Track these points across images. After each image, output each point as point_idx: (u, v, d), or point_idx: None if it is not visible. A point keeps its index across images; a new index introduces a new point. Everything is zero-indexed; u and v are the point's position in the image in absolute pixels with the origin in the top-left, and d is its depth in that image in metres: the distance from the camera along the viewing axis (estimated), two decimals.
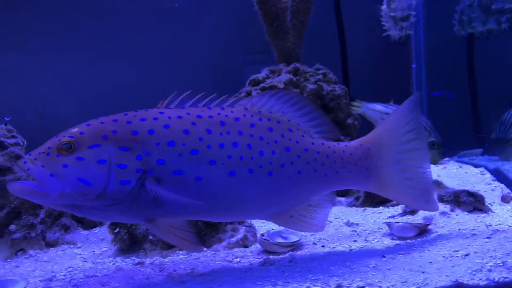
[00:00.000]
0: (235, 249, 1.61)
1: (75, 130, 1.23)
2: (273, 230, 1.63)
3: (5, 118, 2.91)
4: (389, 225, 1.63)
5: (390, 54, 4.13)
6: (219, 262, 1.50)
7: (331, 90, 2.82)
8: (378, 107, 3.23)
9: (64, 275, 1.49)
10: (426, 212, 1.75)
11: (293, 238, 1.58)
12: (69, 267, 1.58)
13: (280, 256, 1.50)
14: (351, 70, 3.98)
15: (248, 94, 2.76)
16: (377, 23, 3.97)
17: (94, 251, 1.78)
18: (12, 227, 1.80)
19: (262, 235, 1.58)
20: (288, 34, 2.94)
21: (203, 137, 1.26)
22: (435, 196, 1.72)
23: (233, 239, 1.63)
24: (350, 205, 2.11)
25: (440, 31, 4.24)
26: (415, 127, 1.47)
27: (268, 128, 1.35)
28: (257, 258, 1.51)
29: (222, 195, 1.28)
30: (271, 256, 1.50)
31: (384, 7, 3.88)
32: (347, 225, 1.78)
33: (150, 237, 1.70)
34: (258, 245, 1.61)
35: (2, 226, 1.81)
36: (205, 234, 1.66)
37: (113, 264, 1.58)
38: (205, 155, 1.25)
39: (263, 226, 1.84)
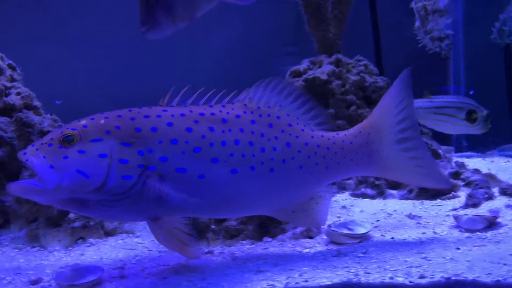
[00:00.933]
0: (301, 240, 1.59)
1: (78, 123, 1.25)
2: (339, 221, 1.62)
3: (56, 102, 2.92)
4: (456, 217, 1.61)
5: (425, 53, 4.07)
6: (289, 252, 1.49)
7: (373, 82, 2.79)
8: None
9: (135, 264, 1.49)
10: (490, 205, 1.73)
11: (360, 229, 1.57)
12: (136, 256, 1.57)
13: (350, 247, 1.49)
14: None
15: None
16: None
17: (153, 240, 1.78)
18: (72, 215, 1.80)
19: (329, 226, 1.57)
20: (329, 25, 2.91)
21: (206, 135, 1.27)
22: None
23: (298, 230, 1.62)
24: (404, 198, 2.09)
25: (479, 33, 4.17)
26: (407, 104, 1.46)
27: (268, 124, 1.35)
28: (327, 249, 1.50)
29: (225, 192, 1.29)
30: (342, 247, 1.49)
31: (417, 24, 3.76)
32: (409, 217, 1.76)
33: (213, 226, 1.70)
34: (324, 236, 1.60)
35: (62, 215, 1.81)
36: (269, 224, 1.66)
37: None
38: (208, 153, 1.26)
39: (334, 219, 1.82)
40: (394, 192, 2.17)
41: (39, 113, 2.42)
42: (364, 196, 2.12)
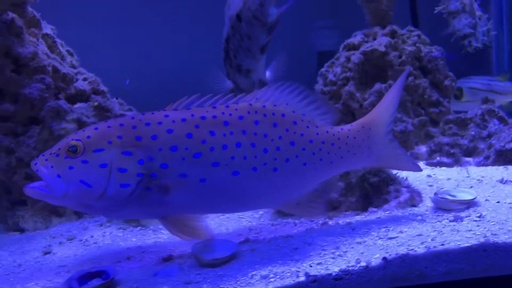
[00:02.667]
0: (408, 209, 1.65)
1: (83, 133, 1.30)
2: (443, 189, 1.68)
3: (126, 82, 2.94)
4: None
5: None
6: (404, 219, 1.54)
7: (428, 52, 2.82)
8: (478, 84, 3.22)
9: (264, 237, 1.55)
10: None
11: (464, 196, 1.62)
12: (250, 230, 1.64)
13: (462, 212, 1.54)
14: None
15: (348, 59, 2.77)
16: None
17: (252, 214, 1.84)
18: None
19: (436, 194, 1.62)
20: None
21: (206, 139, 1.31)
22: None
23: (402, 199, 1.67)
24: (481, 164, 2.15)
25: None
26: (398, 102, 1.56)
27: (273, 124, 1.38)
28: (438, 215, 1.56)
29: (227, 193, 1.34)
30: (453, 213, 1.54)
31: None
32: (501, 182, 1.82)
33: None
34: (428, 204, 1.66)
35: None
36: (372, 195, 1.71)
37: (295, 224, 1.64)
38: (208, 157, 1.30)
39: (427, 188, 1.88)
40: (469, 159, 2.22)
41: (106, 98, 2.46)
42: (441, 164, 2.17)
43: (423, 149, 2.41)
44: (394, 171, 1.74)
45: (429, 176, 2.02)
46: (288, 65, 3.81)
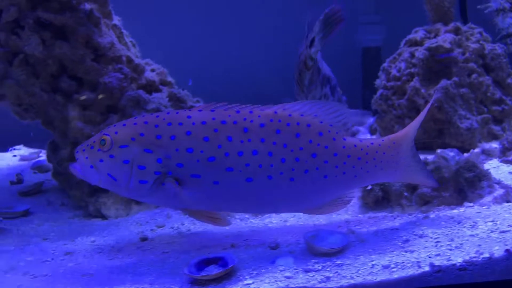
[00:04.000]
0: (505, 204, 1.66)
1: (113, 128, 1.40)
2: None
3: (189, 83, 2.97)
4: None
5: None
6: (508, 215, 1.55)
7: (492, 49, 2.81)
8: None
9: (367, 229, 1.57)
10: None
11: None
12: (348, 222, 1.66)
13: None
14: None
15: (412, 55, 2.77)
16: None
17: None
18: None
19: None
20: None
21: (222, 144, 1.33)
22: None
23: (497, 195, 1.68)
24: None
25: None
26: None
27: (295, 134, 1.37)
28: None
29: (240, 197, 1.38)
30: None
31: None
32: None
33: (406, 194, 1.76)
34: None
35: None
36: (466, 190, 1.72)
37: (393, 218, 1.66)
38: (222, 162, 1.33)
39: None
40: None
41: (173, 88, 2.49)
42: None
43: (494, 146, 2.41)
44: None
45: (510, 173, 2.02)
46: (332, 61, 3.82)
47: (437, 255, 1.30)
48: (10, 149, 3.51)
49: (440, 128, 2.66)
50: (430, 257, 1.30)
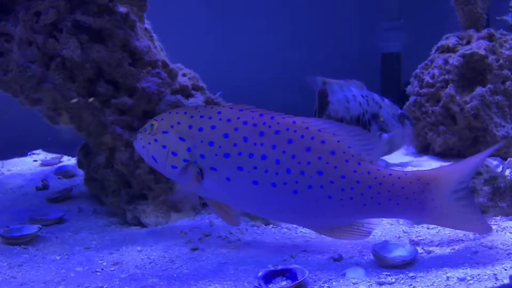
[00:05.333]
0: None
1: (160, 115, 1.53)
2: None
3: (219, 93, 2.92)
4: None
5: None
6: None
7: None
8: None
9: (430, 241, 1.54)
10: None
11: None
12: (405, 232, 1.62)
13: None
14: None
15: (446, 61, 2.74)
16: None
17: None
18: None
19: None
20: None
21: (238, 144, 1.38)
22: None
23: None
24: None
25: None
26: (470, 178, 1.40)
27: (306, 148, 1.35)
28: None
29: (247, 197, 1.41)
30: None
31: None
32: None
33: None
34: None
35: None
36: None
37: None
38: (235, 160, 1.38)
39: None
40: None
41: (205, 94, 2.44)
42: None
43: None
44: None
45: None
46: (351, 65, 3.79)
47: None
48: (28, 153, 3.46)
49: (475, 136, 2.63)
50: (505, 269, 1.26)
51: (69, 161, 3.20)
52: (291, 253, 1.51)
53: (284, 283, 1.27)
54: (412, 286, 1.23)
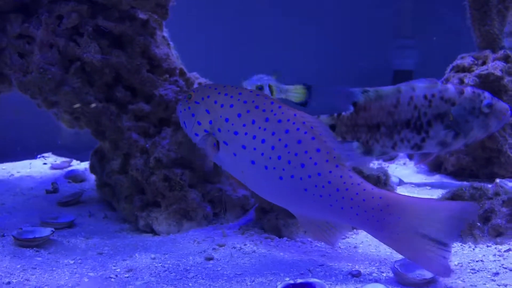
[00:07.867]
0: None
1: (197, 88, 1.68)
2: None
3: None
4: None
5: None
6: None
7: None
8: None
9: None
10: None
11: None
12: None
13: None
14: None
15: (462, 81, 2.74)
16: None
17: None
18: None
19: None
20: (494, 20, 2.90)
21: (247, 125, 1.49)
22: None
23: None
24: None
25: None
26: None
27: (298, 141, 1.44)
28: None
29: (246, 175, 1.51)
30: None
31: None
32: None
33: (479, 224, 1.71)
34: None
35: None
36: None
37: (473, 249, 1.60)
38: (240, 139, 1.49)
39: None
40: None
41: None
42: None
43: None
44: None
45: None
46: (362, 80, 3.79)
47: None
48: (38, 156, 3.46)
49: (488, 157, 2.62)
50: None
51: (78, 165, 3.20)
52: (308, 267, 1.50)
53: None
54: None
